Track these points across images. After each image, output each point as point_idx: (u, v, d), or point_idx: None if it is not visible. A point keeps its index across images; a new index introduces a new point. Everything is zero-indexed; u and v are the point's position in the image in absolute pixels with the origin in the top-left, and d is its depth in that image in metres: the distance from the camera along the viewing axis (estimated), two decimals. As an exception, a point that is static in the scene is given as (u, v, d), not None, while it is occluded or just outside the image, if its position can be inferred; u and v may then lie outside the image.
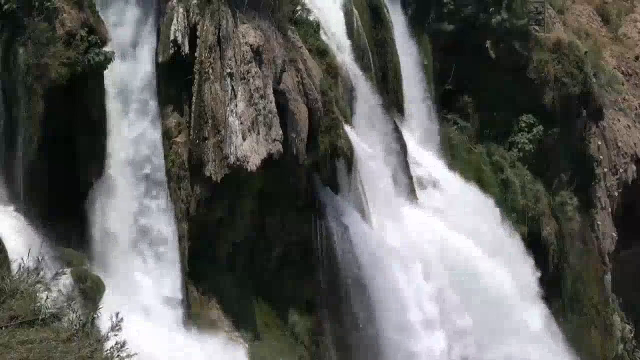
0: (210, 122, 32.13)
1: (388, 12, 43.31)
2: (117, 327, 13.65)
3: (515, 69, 47.23)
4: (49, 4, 28.00)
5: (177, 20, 31.93)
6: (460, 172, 44.86)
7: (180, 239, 31.96)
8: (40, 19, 27.93)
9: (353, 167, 36.89)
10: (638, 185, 53.37)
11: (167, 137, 32.21)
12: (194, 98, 32.17)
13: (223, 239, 33.72)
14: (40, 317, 14.23)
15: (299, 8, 37.36)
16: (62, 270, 16.81)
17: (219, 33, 32.48)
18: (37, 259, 15.09)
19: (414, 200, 40.95)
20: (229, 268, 33.97)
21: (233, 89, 32.49)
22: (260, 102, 32.93)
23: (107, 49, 29.51)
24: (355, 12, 40.81)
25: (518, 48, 47.45)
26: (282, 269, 35.39)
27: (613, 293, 51.89)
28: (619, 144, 52.73)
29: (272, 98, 33.34)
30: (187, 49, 32.04)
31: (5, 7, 27.28)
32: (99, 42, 29.43)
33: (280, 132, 33.33)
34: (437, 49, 45.96)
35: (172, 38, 31.84)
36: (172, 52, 31.91)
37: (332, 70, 38.03)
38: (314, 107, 35.03)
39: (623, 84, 54.66)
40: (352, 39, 40.39)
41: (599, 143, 50.86)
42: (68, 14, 29.01)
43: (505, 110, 47.28)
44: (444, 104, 46.67)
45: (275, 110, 33.30)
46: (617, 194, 52.35)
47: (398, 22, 44.23)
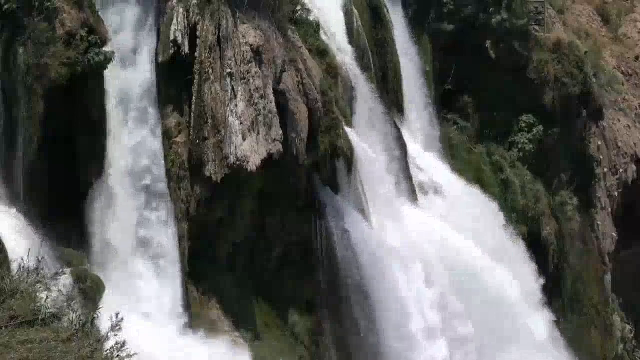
0: (210, 122, 32.12)
1: (388, 12, 43.30)
2: (117, 327, 13.65)
3: (515, 69, 47.21)
4: (49, 4, 27.98)
5: (177, 20, 31.91)
6: (461, 172, 44.82)
7: (180, 239, 31.94)
8: (40, 19, 27.90)
9: (353, 167, 36.87)
10: (638, 185, 53.36)
11: (167, 137, 32.19)
12: (194, 98, 32.15)
13: (223, 239, 33.71)
14: (40, 317, 14.22)
15: (299, 8, 37.35)
16: (62, 270, 16.81)
17: (219, 33, 32.47)
18: (37, 259, 15.08)
19: (414, 200, 40.93)
20: (229, 268, 33.96)
21: (233, 89, 32.48)
22: (260, 102, 32.93)
23: (107, 49, 29.49)
24: (355, 12, 40.80)
25: (518, 48, 47.43)
26: (282, 269, 35.38)
27: (613, 293, 51.87)
28: (619, 144, 52.72)
29: (272, 98, 33.33)
30: (187, 49, 32.02)
31: (5, 7, 27.25)
32: (99, 42, 29.40)
33: (280, 132, 33.32)
34: (437, 49, 45.95)
35: (172, 38, 31.83)
36: (172, 52, 31.89)
37: (332, 70, 38.02)
38: (314, 107, 35.02)
39: (623, 84, 54.65)
40: (352, 39, 40.37)
41: (599, 143, 50.85)
42: (68, 14, 29.00)
43: (505, 110, 47.27)
44: (444, 104, 46.66)
45: (275, 110, 33.29)
46: (617, 194, 52.33)
47: (398, 22, 44.21)
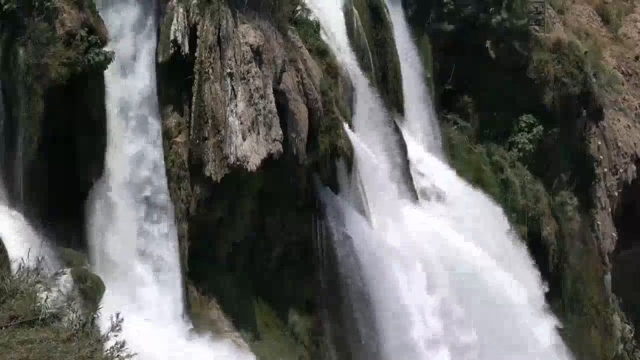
0: (210, 122, 32.12)
1: (388, 12, 43.29)
2: (117, 327, 13.65)
3: (515, 69, 47.21)
4: (49, 4, 27.96)
5: (177, 20, 31.91)
6: (461, 172, 44.80)
7: (180, 239, 31.94)
8: (40, 19, 27.89)
9: (353, 167, 36.87)
10: (638, 185, 53.36)
11: (167, 137, 32.19)
12: (194, 98, 32.15)
13: (223, 239, 33.72)
14: (40, 317, 14.21)
15: (299, 8, 37.35)
16: (62, 270, 16.82)
17: (219, 33, 32.47)
18: (37, 259, 15.08)
19: (414, 200, 40.93)
20: (229, 268, 33.96)
21: (233, 89, 32.48)
22: (260, 102, 32.92)
23: (107, 49, 29.48)
24: (355, 12, 40.80)
25: (518, 48, 47.43)
26: (282, 269, 35.37)
27: (613, 293, 51.87)
28: (619, 144, 52.71)
29: (272, 98, 33.33)
30: (187, 49, 32.02)
31: (5, 7, 27.23)
32: (99, 42, 29.39)
33: (280, 132, 33.32)
34: (437, 49, 45.95)
35: (172, 38, 31.82)
36: (172, 52, 31.89)
37: (332, 70, 38.02)
38: (314, 107, 35.02)
39: (623, 84, 54.65)
40: (352, 39, 40.37)
41: (599, 143, 50.85)
42: (68, 14, 28.99)
43: (505, 110, 47.27)
44: (444, 104, 46.66)
45: (275, 110, 33.28)
46: (617, 194, 52.33)
47: (398, 22, 44.21)
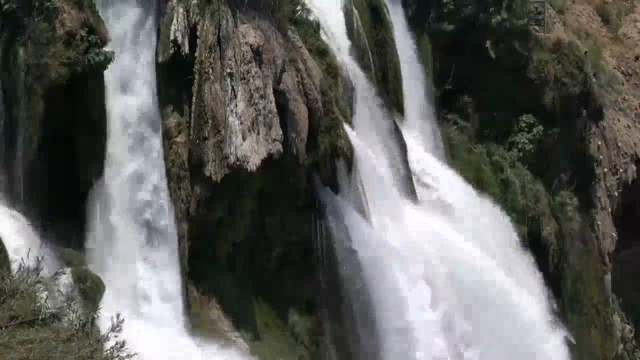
0: (210, 122, 32.11)
1: (388, 12, 43.28)
2: (117, 328, 13.65)
3: (515, 69, 47.20)
4: (49, 4, 27.95)
5: (177, 20, 31.90)
6: (461, 172, 44.80)
7: (180, 239, 31.94)
8: (40, 19, 27.87)
9: (353, 167, 36.87)
10: (638, 185, 53.36)
11: (167, 137, 32.19)
12: (194, 98, 32.14)
13: (223, 239, 33.71)
14: (40, 317, 14.21)
15: (299, 8, 37.34)
16: (62, 270, 16.84)
17: (219, 33, 32.46)
18: (37, 259, 15.08)
19: (414, 200, 40.93)
20: (229, 268, 33.95)
21: (233, 89, 32.48)
22: (260, 102, 32.92)
23: (107, 49, 29.48)
24: (355, 12, 40.79)
25: (518, 48, 47.42)
26: (282, 269, 35.37)
27: (613, 293, 51.86)
28: (619, 144, 52.71)
29: (272, 98, 33.32)
30: (187, 49, 32.02)
31: (5, 7, 27.22)
32: (99, 42, 29.37)
33: (280, 132, 33.31)
34: (437, 49, 45.93)
35: (172, 38, 31.82)
36: (172, 52, 31.88)
37: (332, 70, 38.01)
38: (314, 107, 35.02)
39: (623, 84, 54.64)
40: (352, 39, 40.36)
41: (599, 143, 50.84)
42: (68, 14, 28.98)
43: (505, 110, 47.26)
44: (444, 104, 46.65)
45: (275, 110, 33.28)
46: (617, 194, 52.33)
47: (398, 22, 44.20)
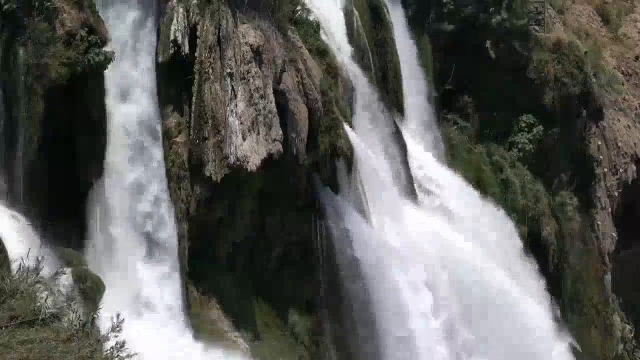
0: (210, 122, 32.11)
1: (388, 12, 43.29)
2: (118, 328, 13.65)
3: (515, 69, 47.21)
4: (49, 4, 27.94)
5: (177, 20, 31.90)
6: (461, 172, 44.81)
7: (180, 239, 31.94)
8: (40, 19, 27.87)
9: (353, 167, 36.87)
10: (638, 185, 53.36)
11: (167, 137, 32.19)
12: (194, 98, 32.15)
13: (223, 239, 33.71)
14: (40, 317, 14.20)
15: (299, 8, 37.35)
16: (62, 270, 16.82)
17: (219, 33, 32.47)
18: (37, 259, 15.07)
19: (414, 200, 40.93)
20: (229, 268, 33.95)
21: (233, 89, 32.48)
22: (260, 102, 32.92)
23: (107, 49, 29.48)
24: (355, 12, 40.80)
25: (518, 48, 47.43)
26: (282, 269, 35.36)
27: (613, 293, 51.86)
28: (619, 144, 52.71)
29: (272, 98, 33.32)
30: (187, 49, 32.02)
31: (5, 7, 27.22)
32: (99, 42, 29.37)
33: (280, 132, 33.31)
34: (437, 49, 45.94)
35: (172, 38, 31.82)
36: (172, 52, 31.89)
37: (332, 70, 38.01)
38: (314, 107, 35.02)
39: (623, 84, 54.65)
40: (352, 39, 40.37)
41: (599, 143, 50.85)
42: (68, 14, 28.97)
43: (505, 110, 47.26)
44: (444, 104, 46.66)
45: (275, 110, 33.28)
46: (617, 194, 52.33)
47: (398, 22, 44.20)
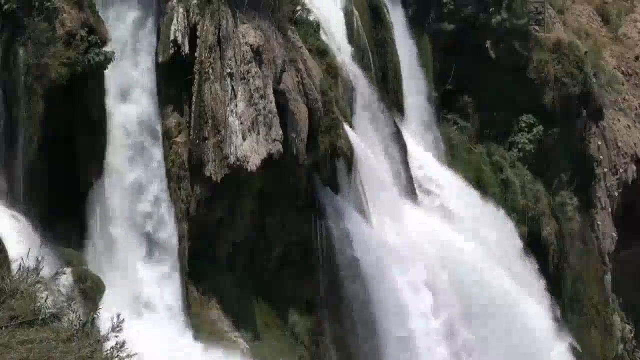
0: (210, 122, 32.11)
1: (388, 12, 43.29)
2: (118, 328, 13.65)
3: (515, 69, 47.19)
4: (49, 4, 27.94)
5: (177, 20, 31.91)
6: (461, 172, 44.81)
7: (180, 239, 31.94)
8: (40, 19, 27.87)
9: (353, 167, 36.86)
10: (638, 185, 53.35)
11: (167, 137, 32.20)
12: (194, 98, 32.15)
13: (223, 239, 33.71)
14: (40, 317, 14.20)
15: (299, 8, 37.35)
16: (62, 270, 16.81)
17: (219, 33, 32.47)
18: (37, 259, 15.07)
19: (414, 200, 40.93)
20: (229, 268, 33.95)
21: (233, 89, 32.48)
22: (260, 102, 32.92)
23: (107, 49, 29.49)
24: (355, 12, 40.79)
25: (518, 48, 47.41)
26: (282, 269, 35.36)
27: (613, 293, 51.85)
28: (619, 144, 52.70)
29: (272, 98, 33.32)
30: (187, 49, 32.02)
31: (5, 7, 27.21)
32: (99, 42, 29.38)
33: (280, 132, 33.31)
34: (437, 49, 45.93)
35: (172, 38, 31.82)
36: (172, 52, 31.89)
37: (332, 70, 38.01)
38: (314, 107, 35.01)
39: (623, 84, 54.63)
40: (352, 39, 40.37)
41: (599, 143, 50.84)
42: (68, 14, 28.98)
43: (505, 110, 47.25)
44: (444, 104, 46.65)
45: (275, 110, 33.28)
46: (617, 194, 52.32)
47: (398, 22, 44.20)
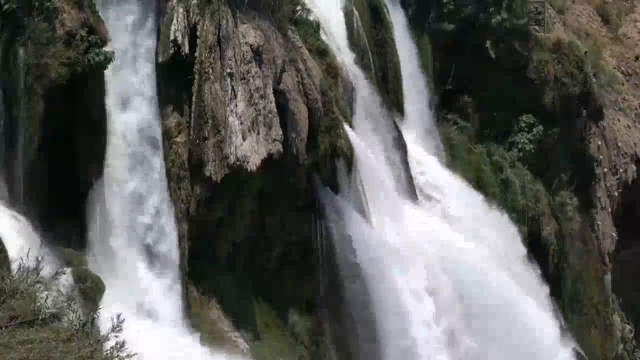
0: (210, 122, 32.12)
1: (388, 12, 43.29)
2: (118, 328, 13.65)
3: (515, 69, 47.19)
4: (49, 4, 27.94)
5: (177, 20, 31.90)
6: (461, 172, 44.81)
7: (180, 239, 31.94)
8: (40, 19, 27.86)
9: (353, 167, 36.87)
10: (638, 185, 53.35)
11: (167, 137, 32.20)
12: (194, 98, 32.15)
13: (223, 239, 33.71)
14: (40, 317, 14.20)
15: (299, 8, 37.35)
16: (62, 270, 16.80)
17: (219, 33, 32.47)
18: (37, 259, 15.07)
19: (414, 200, 40.93)
20: (229, 268, 33.95)
21: (233, 89, 32.48)
22: (260, 102, 32.92)
23: (107, 49, 29.49)
24: (355, 12, 40.80)
25: (518, 48, 47.41)
26: (282, 269, 35.37)
27: (613, 293, 51.86)
28: (619, 144, 52.70)
29: (272, 98, 33.32)
30: (187, 49, 32.02)
31: (5, 7, 27.21)
32: (99, 42, 29.38)
33: (280, 132, 33.32)
34: (437, 49, 45.93)
35: (172, 38, 31.82)
36: (172, 52, 31.89)
37: (332, 70, 38.01)
38: (314, 107, 35.02)
39: (623, 84, 54.63)
40: (352, 39, 40.38)
41: (599, 143, 50.84)
42: (68, 14, 28.98)
43: (505, 110, 47.25)
44: (444, 104, 46.65)
45: (275, 110, 33.28)
46: (617, 194, 52.32)
47: (398, 22, 44.20)
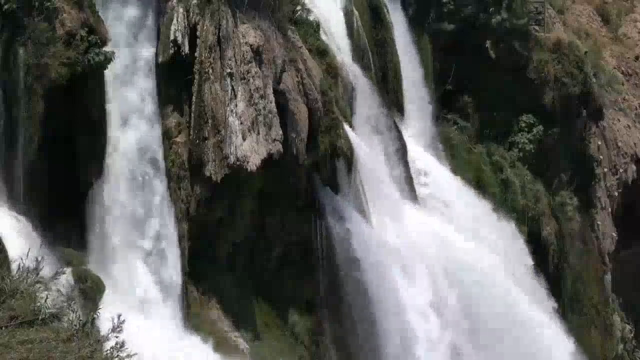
0: (210, 122, 32.12)
1: (388, 12, 43.30)
2: (118, 328, 13.65)
3: (515, 69, 47.19)
4: (49, 4, 27.95)
5: (177, 20, 31.91)
6: (461, 172, 44.81)
7: (180, 239, 31.94)
8: (40, 19, 27.88)
9: (353, 167, 36.87)
10: (638, 185, 53.35)
11: (167, 137, 32.20)
12: (194, 98, 32.15)
13: (223, 239, 33.71)
14: (40, 317, 14.20)
15: (299, 8, 37.36)
16: (62, 270, 16.80)
17: (219, 33, 32.47)
18: (36, 259, 15.06)
19: (414, 200, 40.93)
20: (229, 268, 33.96)
21: (233, 89, 32.48)
22: (260, 102, 32.93)
23: (107, 49, 29.49)
24: (355, 12, 40.80)
25: (518, 48, 47.41)
26: (282, 269, 35.37)
27: (613, 293, 51.85)
28: (619, 144, 52.70)
29: (272, 98, 33.33)
30: (187, 49, 32.02)
31: (5, 7, 27.22)
32: (99, 42, 29.39)
33: (280, 132, 33.32)
34: (437, 49, 45.92)
35: (172, 38, 31.82)
36: (172, 52, 31.89)
37: (332, 70, 38.02)
38: (314, 107, 35.02)
39: (623, 84, 54.63)
40: (352, 39, 40.38)
41: (599, 143, 50.84)
42: (68, 14, 28.99)
43: (505, 110, 47.25)
44: (444, 104, 46.64)
45: (275, 110, 33.29)
46: (617, 194, 52.32)
47: (398, 22, 44.20)
